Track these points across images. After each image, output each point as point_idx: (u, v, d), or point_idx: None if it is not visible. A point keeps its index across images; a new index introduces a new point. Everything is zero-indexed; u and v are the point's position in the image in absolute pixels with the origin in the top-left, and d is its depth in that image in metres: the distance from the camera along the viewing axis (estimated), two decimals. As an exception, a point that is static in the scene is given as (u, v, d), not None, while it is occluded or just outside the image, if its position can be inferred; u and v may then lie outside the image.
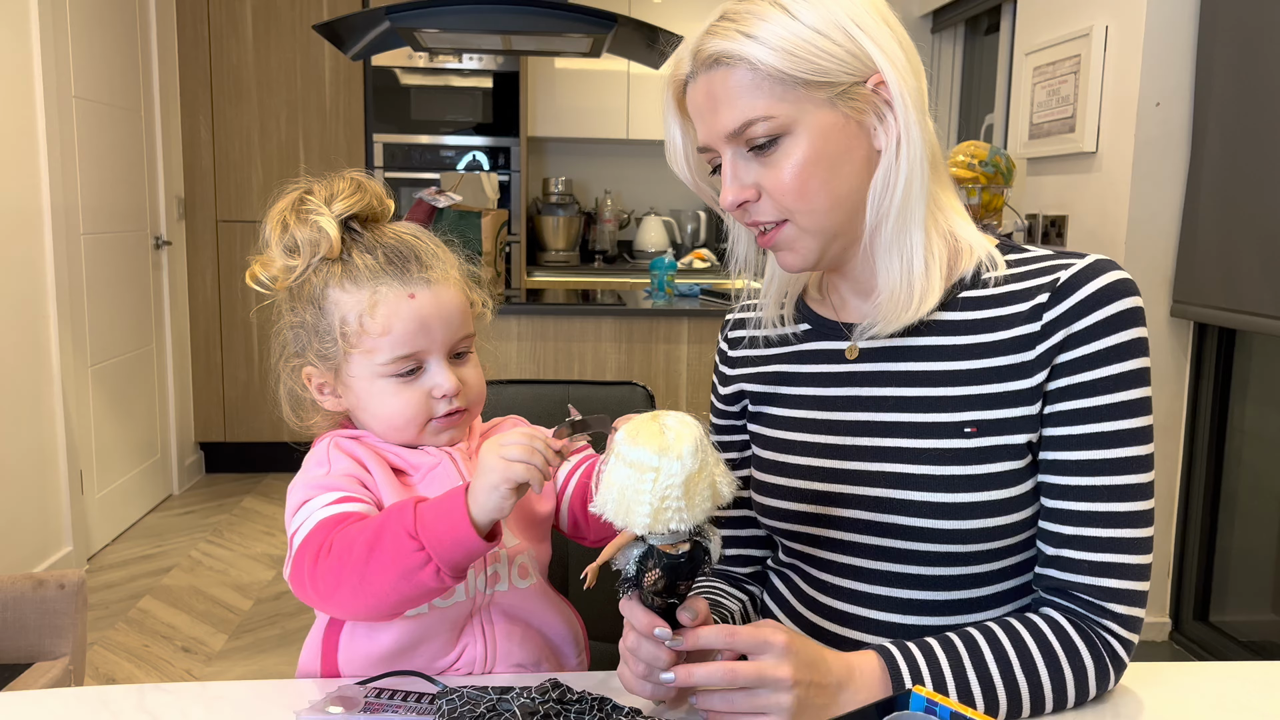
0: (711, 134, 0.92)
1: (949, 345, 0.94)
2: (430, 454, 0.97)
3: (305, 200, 0.95)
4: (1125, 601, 0.88)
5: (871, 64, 0.89)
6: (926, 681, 0.83)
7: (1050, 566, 0.91)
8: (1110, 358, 0.88)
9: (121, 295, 3.70)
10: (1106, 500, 0.88)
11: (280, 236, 0.95)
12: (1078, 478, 0.89)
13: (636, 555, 0.80)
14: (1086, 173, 2.96)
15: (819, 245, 0.93)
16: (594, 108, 4.91)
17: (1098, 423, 0.88)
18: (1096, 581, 0.88)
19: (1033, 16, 3.29)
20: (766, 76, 0.88)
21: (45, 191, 3.09)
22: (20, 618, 1.75)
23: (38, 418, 3.08)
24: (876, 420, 0.96)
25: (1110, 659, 0.88)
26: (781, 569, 1.07)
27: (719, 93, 0.90)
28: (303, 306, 0.96)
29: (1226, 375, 2.74)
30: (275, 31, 4.27)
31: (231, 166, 4.32)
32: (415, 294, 0.93)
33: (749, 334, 1.11)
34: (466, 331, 0.97)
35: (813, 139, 0.89)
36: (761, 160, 0.91)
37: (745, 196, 0.92)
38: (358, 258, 0.94)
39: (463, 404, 0.96)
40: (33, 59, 3.04)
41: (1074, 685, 0.86)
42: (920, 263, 0.93)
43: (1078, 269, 0.91)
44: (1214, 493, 2.78)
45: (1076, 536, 0.89)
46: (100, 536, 3.52)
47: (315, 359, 0.96)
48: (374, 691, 0.88)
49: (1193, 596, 2.83)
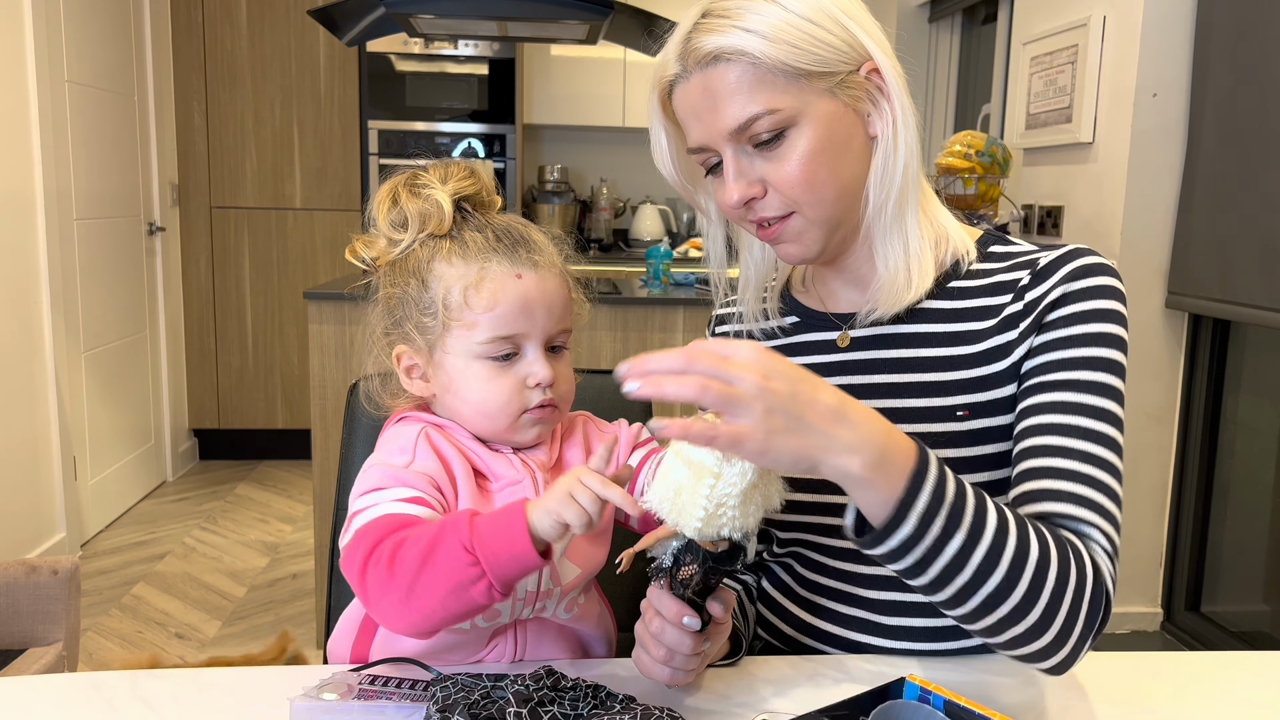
0: (710, 133, 0.90)
1: (939, 332, 0.96)
2: (514, 466, 0.95)
3: (418, 176, 0.94)
4: (1106, 525, 0.84)
5: (864, 51, 0.90)
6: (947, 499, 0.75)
7: (1029, 502, 0.86)
8: (1090, 318, 0.90)
9: (115, 281, 3.68)
10: (1082, 440, 0.86)
11: (389, 211, 0.94)
12: (1054, 416, 0.88)
13: (675, 548, 0.81)
14: (1083, 163, 2.96)
15: (824, 235, 0.94)
16: (590, 95, 4.89)
17: (1074, 371, 0.89)
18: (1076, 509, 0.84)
19: (1030, 6, 3.28)
20: (769, 70, 0.87)
21: (38, 177, 3.08)
22: (13, 604, 1.75)
23: (31, 404, 3.07)
24: (871, 408, 0.96)
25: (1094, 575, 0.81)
26: (779, 560, 1.07)
27: (719, 90, 0.88)
28: (404, 279, 0.94)
29: (1221, 367, 2.74)
30: (270, 17, 4.25)
31: (225, 152, 4.30)
32: (522, 275, 0.91)
33: (734, 328, 1.11)
34: (566, 325, 0.95)
35: (817, 130, 0.89)
36: (766, 155, 0.90)
37: (752, 193, 0.91)
38: (468, 235, 0.93)
39: (555, 397, 0.94)
40: (25, 44, 3.01)
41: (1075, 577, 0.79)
42: (916, 245, 0.95)
43: (1058, 253, 0.94)
44: (1207, 484, 2.79)
45: (1053, 468, 0.86)
46: (94, 523, 3.52)
47: (413, 332, 0.94)
48: (368, 678, 0.88)
49: (1184, 587, 2.84)
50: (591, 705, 0.78)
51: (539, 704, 0.76)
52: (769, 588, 1.08)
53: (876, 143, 0.92)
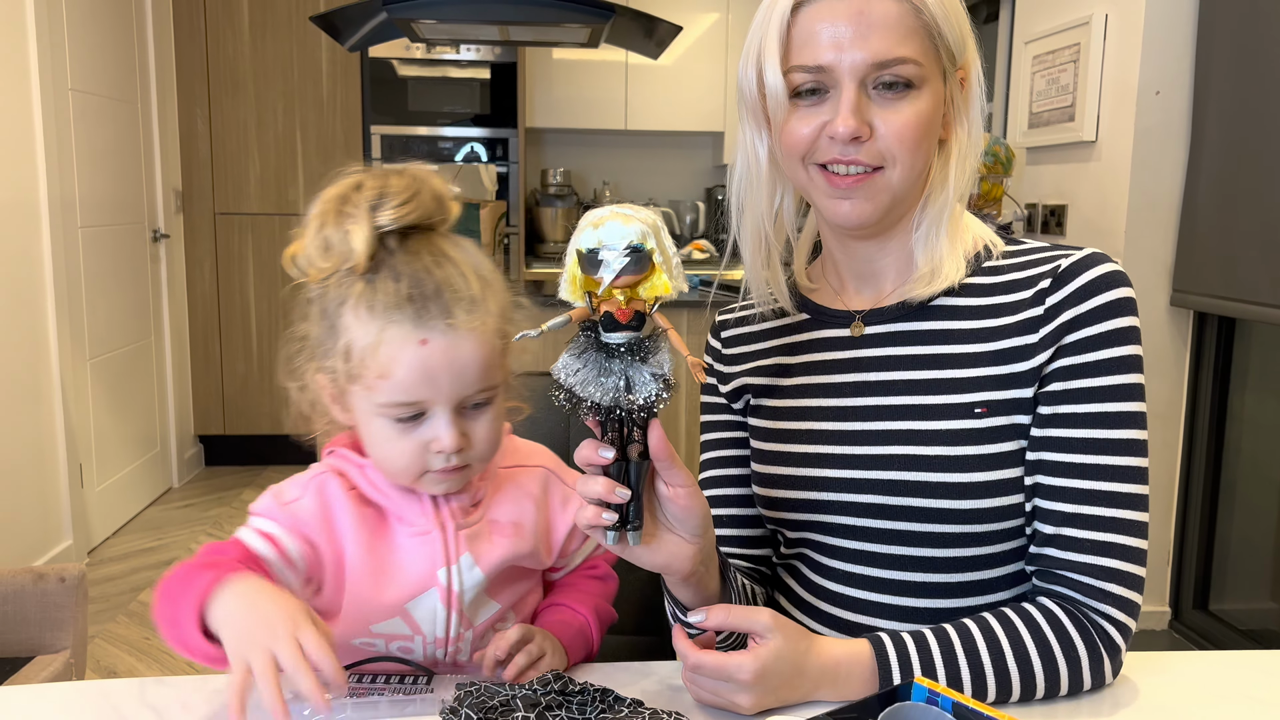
0: (845, 57, 0.88)
1: (956, 329, 0.96)
2: (425, 515, 0.91)
3: (350, 198, 0.85)
4: (1124, 584, 0.88)
5: (964, 53, 0.93)
6: (916, 669, 0.84)
7: (1048, 546, 0.90)
8: (1112, 340, 0.90)
9: (120, 288, 3.69)
10: (1108, 480, 0.88)
11: (318, 229, 0.86)
12: (1080, 455, 0.89)
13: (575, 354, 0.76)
14: (1086, 162, 2.95)
15: (891, 203, 0.93)
16: (592, 98, 4.89)
17: (1101, 403, 0.89)
18: (1096, 561, 0.88)
19: (1032, 5, 3.28)
20: (926, 22, 0.89)
21: (42, 185, 3.08)
22: (21, 611, 1.75)
23: (37, 411, 3.08)
24: (884, 404, 0.96)
25: (1105, 646, 0.87)
26: (785, 562, 1.07)
27: (876, 17, 0.87)
28: (318, 318, 0.88)
29: (1226, 364, 2.74)
30: (272, 23, 4.26)
31: (229, 159, 4.30)
32: (428, 340, 0.83)
33: (737, 332, 1.10)
34: (484, 384, 0.87)
35: (932, 101, 0.91)
36: (885, 101, 0.90)
37: (863, 132, 0.89)
38: (380, 283, 0.84)
39: (462, 462, 0.87)
40: (29, 52, 3.02)
41: (1067, 673, 0.86)
42: (953, 241, 0.97)
43: (1077, 258, 0.93)
44: (1213, 481, 2.78)
45: (1077, 515, 0.89)
46: (100, 530, 3.52)
47: (324, 373, 0.90)
48: (354, 676, 0.89)
49: (1192, 585, 2.83)
50: (600, 709, 0.78)
51: (547, 708, 0.76)
52: (780, 598, 1.07)
53: (950, 146, 0.95)
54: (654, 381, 0.75)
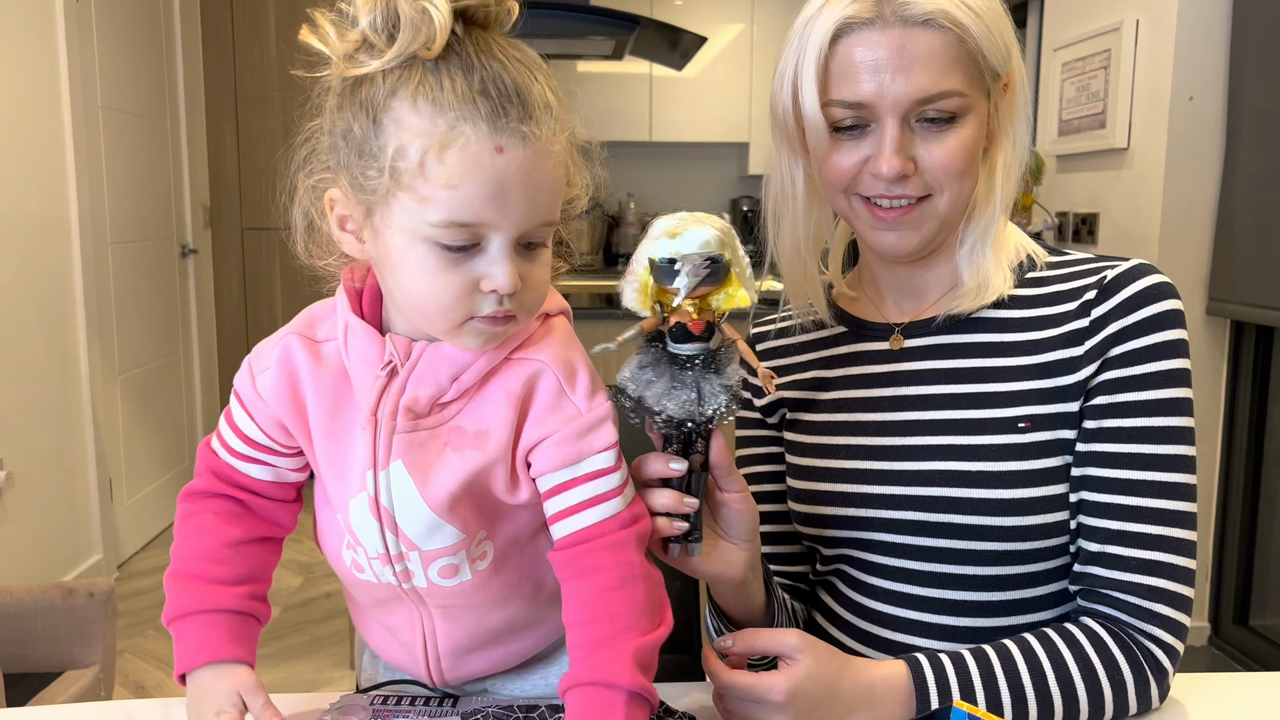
0: (886, 93, 0.85)
1: (998, 342, 0.93)
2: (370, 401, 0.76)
3: None
4: (1170, 604, 0.85)
5: (1009, 64, 0.90)
6: (955, 692, 0.81)
7: (1093, 564, 0.88)
8: (1160, 354, 0.87)
9: (149, 304, 3.72)
10: (1155, 496, 0.86)
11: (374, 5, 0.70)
12: (1127, 471, 0.87)
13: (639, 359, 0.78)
14: (1118, 169, 2.91)
15: (938, 229, 0.92)
16: (616, 110, 4.90)
17: (1148, 417, 0.87)
18: (1142, 580, 0.85)
19: (1061, 11, 3.24)
20: (969, 52, 0.86)
21: (72, 201, 3.12)
22: (50, 626, 1.75)
23: (67, 426, 3.10)
24: (925, 419, 0.94)
25: (1152, 669, 0.84)
26: (822, 578, 1.05)
27: (919, 53, 0.84)
28: (353, 111, 0.72)
29: (1265, 373, 2.68)
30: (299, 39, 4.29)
31: (256, 174, 4.34)
32: (504, 148, 0.68)
33: (774, 344, 1.08)
34: (550, 217, 0.73)
35: (978, 125, 0.89)
36: (927, 134, 0.87)
37: (907, 169, 0.87)
38: (447, 74, 0.68)
39: (515, 308, 0.72)
40: (59, 70, 3.06)
41: (1112, 698, 0.83)
42: (1000, 251, 0.95)
43: (1123, 269, 0.91)
44: (1253, 493, 2.72)
45: (1123, 532, 0.86)
46: (130, 544, 3.54)
47: (347, 184, 0.73)
48: (379, 698, 0.87)
49: (1232, 600, 2.77)
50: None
51: None
52: (816, 615, 1.05)
53: (994, 158, 0.93)
54: (723, 393, 0.76)
